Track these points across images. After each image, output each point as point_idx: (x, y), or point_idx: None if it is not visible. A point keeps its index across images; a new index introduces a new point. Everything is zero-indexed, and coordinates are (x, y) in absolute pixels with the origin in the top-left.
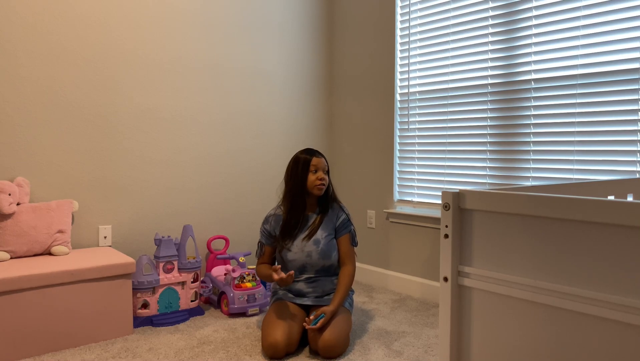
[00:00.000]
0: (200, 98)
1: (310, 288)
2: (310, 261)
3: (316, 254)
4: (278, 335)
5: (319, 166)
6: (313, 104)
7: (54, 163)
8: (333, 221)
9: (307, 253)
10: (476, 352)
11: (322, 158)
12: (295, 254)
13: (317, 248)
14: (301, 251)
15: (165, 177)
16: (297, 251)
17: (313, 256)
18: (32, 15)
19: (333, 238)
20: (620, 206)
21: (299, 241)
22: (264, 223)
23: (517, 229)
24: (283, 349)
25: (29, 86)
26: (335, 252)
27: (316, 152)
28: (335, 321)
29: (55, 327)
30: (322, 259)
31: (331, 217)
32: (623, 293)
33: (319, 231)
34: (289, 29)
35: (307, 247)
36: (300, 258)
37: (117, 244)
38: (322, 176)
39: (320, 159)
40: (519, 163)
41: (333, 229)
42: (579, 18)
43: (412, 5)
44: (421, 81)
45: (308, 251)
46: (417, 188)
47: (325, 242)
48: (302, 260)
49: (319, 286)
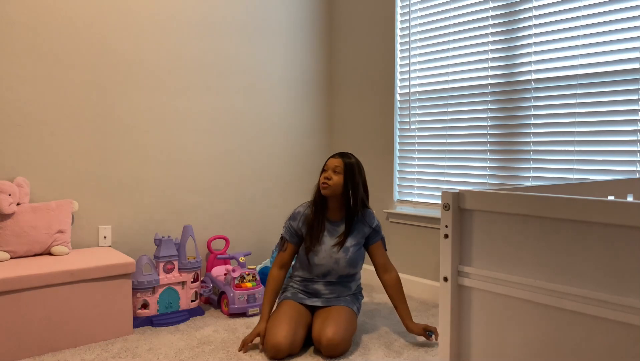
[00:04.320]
0: (200, 98)
1: (327, 290)
2: (337, 267)
3: (344, 262)
4: (281, 336)
5: (329, 165)
6: (313, 104)
7: (54, 163)
8: (364, 230)
9: (336, 259)
10: (476, 352)
11: (339, 158)
12: (323, 259)
13: (346, 256)
14: (329, 257)
15: (165, 177)
16: (325, 257)
17: (340, 264)
18: (32, 16)
19: (362, 247)
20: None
21: (328, 247)
22: (291, 219)
23: (517, 229)
24: (286, 350)
25: (29, 86)
26: (361, 260)
27: (338, 155)
28: (340, 321)
29: (55, 327)
30: (349, 267)
31: (361, 225)
32: (623, 293)
33: (348, 239)
34: (289, 29)
35: (335, 254)
36: (328, 264)
37: (117, 244)
38: (328, 175)
39: (335, 159)
40: (519, 163)
41: (363, 237)
42: (579, 18)
43: (412, 5)
44: (421, 81)
45: (336, 258)
46: (417, 188)
47: (353, 250)
48: (330, 266)
49: (336, 291)
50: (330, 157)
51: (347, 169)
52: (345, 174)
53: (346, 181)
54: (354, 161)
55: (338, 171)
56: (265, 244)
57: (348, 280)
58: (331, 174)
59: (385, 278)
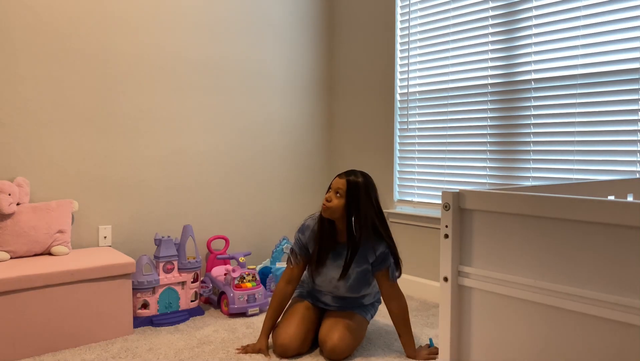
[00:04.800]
0: (200, 98)
1: (336, 304)
2: (337, 292)
3: (343, 288)
4: (290, 336)
5: (333, 186)
6: (313, 104)
7: (54, 163)
8: (367, 256)
9: (335, 286)
10: (476, 352)
11: (344, 178)
12: (322, 282)
13: (346, 284)
14: (329, 283)
15: (165, 178)
16: (324, 280)
17: (340, 290)
18: (32, 16)
19: (368, 272)
20: (620, 206)
21: (330, 271)
22: (300, 231)
23: (517, 229)
24: (294, 350)
25: (29, 86)
26: (366, 286)
27: (345, 173)
28: (348, 327)
29: (55, 327)
30: (349, 292)
31: (368, 250)
32: (623, 293)
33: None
34: (289, 29)
35: (335, 281)
36: (328, 288)
37: (117, 244)
38: (329, 196)
39: (340, 179)
40: (519, 163)
41: (369, 263)
42: (579, 18)
43: (412, 5)
44: (421, 81)
45: (336, 285)
46: (417, 188)
47: (355, 277)
48: (330, 290)
49: (346, 305)
50: (336, 175)
51: (351, 191)
52: (348, 197)
53: (348, 205)
54: (360, 181)
55: (340, 194)
56: (265, 244)
57: (357, 298)
58: (332, 196)
59: (390, 307)
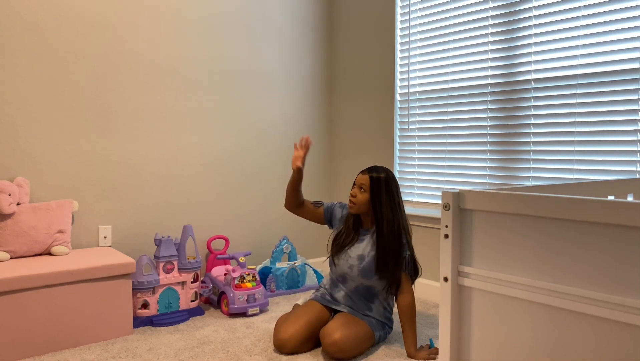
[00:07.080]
0: (200, 98)
1: (347, 302)
2: (350, 273)
3: (356, 270)
4: (287, 335)
5: (357, 182)
6: (313, 104)
7: (54, 163)
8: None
9: (350, 265)
10: (476, 352)
11: (367, 175)
12: (341, 260)
13: (360, 264)
14: (345, 261)
15: (165, 177)
16: (343, 257)
17: (353, 270)
18: (32, 15)
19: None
20: (620, 206)
21: (349, 250)
22: (341, 206)
23: (517, 229)
24: (289, 348)
25: (29, 86)
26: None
27: (367, 170)
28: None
29: (55, 327)
30: (361, 277)
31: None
32: (623, 293)
33: (368, 248)
34: (289, 29)
35: (350, 259)
36: (344, 267)
37: (117, 244)
38: (354, 192)
39: (363, 175)
40: (519, 163)
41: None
42: (579, 18)
43: (412, 5)
44: (421, 81)
45: (351, 263)
46: (417, 188)
47: (369, 260)
48: (344, 270)
49: (356, 307)
50: (360, 172)
51: (374, 186)
52: (372, 192)
53: (373, 198)
54: (382, 176)
55: (364, 189)
56: (265, 244)
57: (366, 297)
58: (356, 192)
59: (399, 300)
